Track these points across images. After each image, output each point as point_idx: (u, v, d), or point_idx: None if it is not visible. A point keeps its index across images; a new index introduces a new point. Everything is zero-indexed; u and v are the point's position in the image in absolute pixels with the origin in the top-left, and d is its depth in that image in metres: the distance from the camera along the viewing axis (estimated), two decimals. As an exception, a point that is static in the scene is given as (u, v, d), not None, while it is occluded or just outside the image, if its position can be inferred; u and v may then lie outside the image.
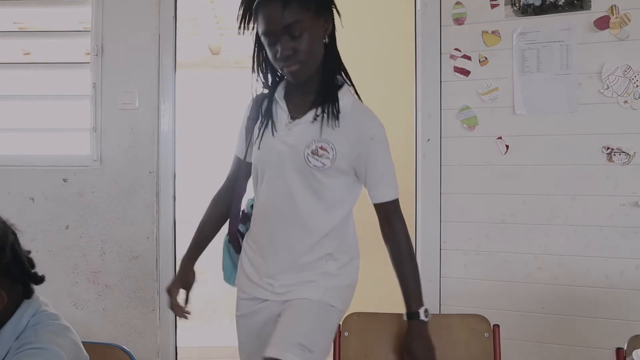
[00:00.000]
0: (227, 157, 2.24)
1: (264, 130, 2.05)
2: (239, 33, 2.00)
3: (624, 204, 3.01)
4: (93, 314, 3.44)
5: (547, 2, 3.13)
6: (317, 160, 1.94)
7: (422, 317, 1.98)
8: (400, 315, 2.12)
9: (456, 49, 3.28)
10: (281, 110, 2.04)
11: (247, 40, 2.01)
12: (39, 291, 1.77)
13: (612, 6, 3.02)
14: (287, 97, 2.06)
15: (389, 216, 2.01)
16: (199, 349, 5.29)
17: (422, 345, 1.99)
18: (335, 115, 1.95)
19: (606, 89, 3.03)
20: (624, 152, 3.01)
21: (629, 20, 2.99)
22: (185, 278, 2.21)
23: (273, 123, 2.04)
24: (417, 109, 3.40)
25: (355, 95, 2.05)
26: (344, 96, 1.99)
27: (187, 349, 4.04)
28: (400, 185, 2.04)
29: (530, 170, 3.17)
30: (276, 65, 1.96)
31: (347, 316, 2.23)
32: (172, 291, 2.18)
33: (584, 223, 3.07)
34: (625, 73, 3.00)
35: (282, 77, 2.08)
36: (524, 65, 3.16)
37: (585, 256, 3.07)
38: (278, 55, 1.91)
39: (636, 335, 2.00)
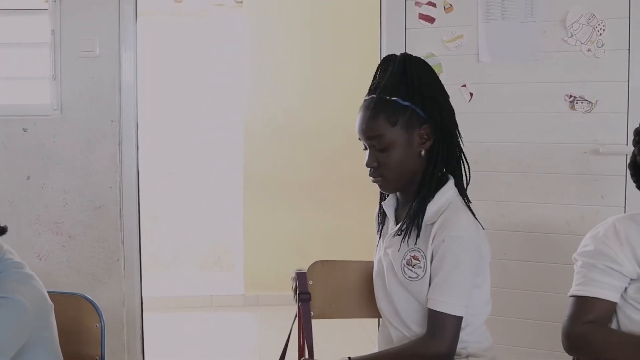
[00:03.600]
0: (189, 106, 2.19)
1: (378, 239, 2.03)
2: None
3: (585, 152, 3.04)
4: (57, 265, 3.41)
5: (513, -52, 3.11)
6: (411, 270, 1.84)
7: None
8: (365, 262, 2.15)
9: (421, -4, 3.26)
10: (388, 218, 1.98)
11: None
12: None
13: (577, -47, 3.01)
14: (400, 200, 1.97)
15: (433, 329, 1.77)
16: (164, 299, 5.32)
17: None
18: (417, 229, 1.82)
19: (570, 37, 3.04)
20: (586, 100, 3.04)
21: (594, -32, 2.99)
22: None
23: (381, 231, 2.01)
24: (381, 57, 3.38)
25: (456, 190, 1.89)
26: (442, 197, 1.85)
27: (152, 299, 4.05)
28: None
29: (493, 118, 3.19)
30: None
31: (312, 265, 2.25)
32: None
33: (546, 170, 3.11)
34: (589, 21, 3.01)
35: None
36: (489, 13, 3.15)
37: (546, 203, 3.11)
38: (365, 162, 1.86)
39: (595, 279, 2.04)
